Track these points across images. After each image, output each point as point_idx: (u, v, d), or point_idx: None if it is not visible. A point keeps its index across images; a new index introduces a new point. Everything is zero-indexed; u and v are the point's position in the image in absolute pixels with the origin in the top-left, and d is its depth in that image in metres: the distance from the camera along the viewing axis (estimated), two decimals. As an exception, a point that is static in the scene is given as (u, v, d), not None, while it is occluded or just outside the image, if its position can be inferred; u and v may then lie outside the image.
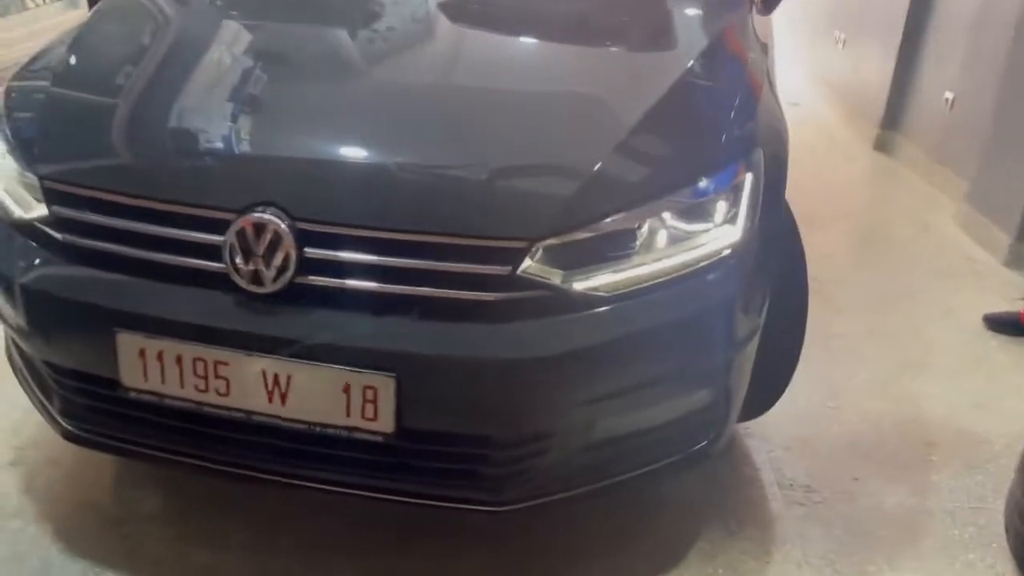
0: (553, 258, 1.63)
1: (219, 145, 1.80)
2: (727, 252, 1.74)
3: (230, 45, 2.11)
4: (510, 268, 1.62)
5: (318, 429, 1.67)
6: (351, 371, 1.61)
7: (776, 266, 1.89)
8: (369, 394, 1.61)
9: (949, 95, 4.53)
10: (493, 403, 1.65)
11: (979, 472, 2.44)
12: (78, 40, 2.13)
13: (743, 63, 2.17)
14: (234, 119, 1.84)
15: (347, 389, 1.62)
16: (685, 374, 1.77)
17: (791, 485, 2.33)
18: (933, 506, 2.30)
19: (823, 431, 2.57)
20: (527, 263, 1.62)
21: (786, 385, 2.25)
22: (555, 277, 1.64)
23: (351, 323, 1.63)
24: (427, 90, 1.94)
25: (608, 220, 1.66)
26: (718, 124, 1.88)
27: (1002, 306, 3.30)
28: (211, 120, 1.85)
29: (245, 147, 1.80)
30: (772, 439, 2.49)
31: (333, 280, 1.63)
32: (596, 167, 1.69)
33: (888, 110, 5.13)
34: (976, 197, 4.04)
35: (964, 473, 2.43)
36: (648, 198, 1.69)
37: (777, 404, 2.28)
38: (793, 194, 2.03)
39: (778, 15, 2.68)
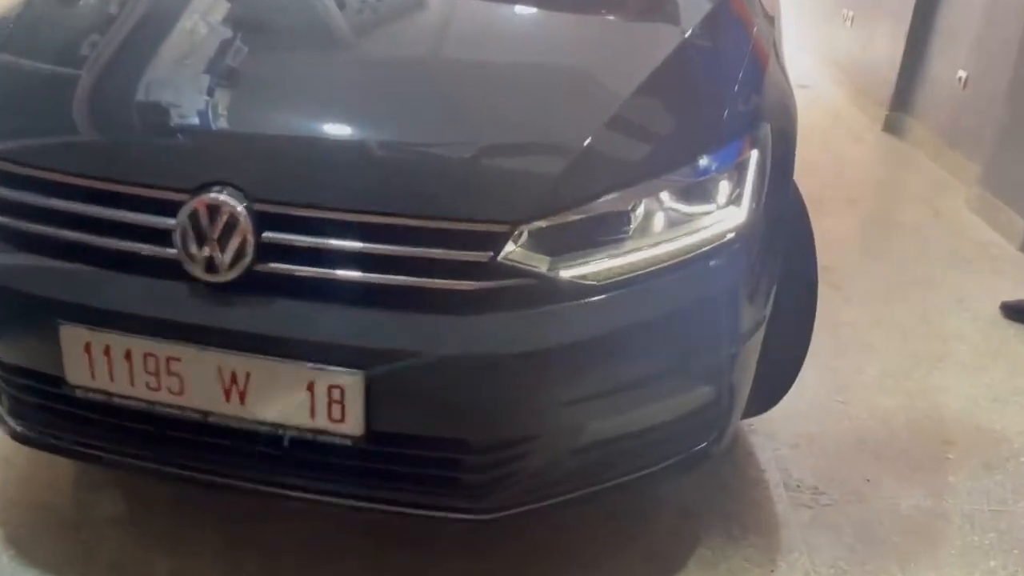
0: (539, 243, 1.51)
1: (170, 120, 1.67)
2: (730, 236, 1.62)
3: (185, 13, 1.97)
4: (490, 254, 1.49)
5: (281, 431, 1.55)
6: (315, 368, 1.48)
7: (783, 251, 1.79)
8: (335, 393, 1.49)
9: (962, 74, 4.41)
10: (472, 403, 1.53)
11: (998, 472, 2.34)
12: (23, 13, 1.99)
13: (748, 33, 2.04)
14: (187, 92, 1.71)
15: (311, 387, 1.49)
16: (684, 370, 1.66)
17: (798, 486, 2.23)
18: (950, 509, 2.20)
19: (832, 428, 2.47)
20: (510, 248, 1.50)
21: (793, 379, 2.16)
22: (541, 264, 1.51)
23: (314, 315, 1.51)
24: (399, 61, 1.82)
25: (599, 201, 1.54)
26: (721, 97, 1.76)
27: (1020, 293, 3.21)
28: (161, 93, 1.73)
29: (198, 122, 1.66)
30: (778, 436, 2.39)
31: (294, 268, 1.51)
32: (586, 143, 1.57)
33: (898, 90, 5.05)
34: (990, 180, 3.95)
35: (983, 473, 2.34)
36: (643, 177, 1.58)
37: (783, 399, 2.17)
38: (800, 177, 1.95)
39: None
